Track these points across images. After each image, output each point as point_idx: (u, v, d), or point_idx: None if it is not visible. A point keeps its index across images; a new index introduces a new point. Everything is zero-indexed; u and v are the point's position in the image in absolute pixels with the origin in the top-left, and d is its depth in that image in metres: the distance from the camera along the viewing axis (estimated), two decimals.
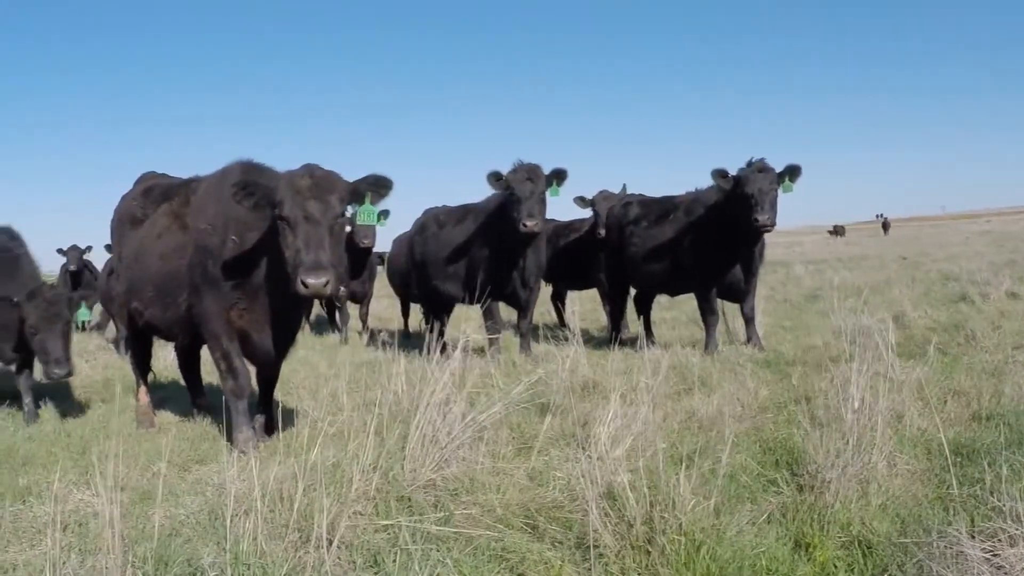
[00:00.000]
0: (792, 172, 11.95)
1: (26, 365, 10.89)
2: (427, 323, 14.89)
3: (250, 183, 7.50)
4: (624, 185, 15.52)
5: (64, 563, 4.92)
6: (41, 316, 9.88)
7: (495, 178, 12.34)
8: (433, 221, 14.48)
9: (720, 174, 12.02)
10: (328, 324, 20.65)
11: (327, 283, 7.16)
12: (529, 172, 12.25)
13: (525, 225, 11.89)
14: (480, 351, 12.13)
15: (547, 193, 12.39)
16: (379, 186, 8.02)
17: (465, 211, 14.04)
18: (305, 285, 7.13)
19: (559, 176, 12.45)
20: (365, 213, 8.02)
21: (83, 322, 22.14)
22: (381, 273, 22.73)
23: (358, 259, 17.81)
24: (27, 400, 10.74)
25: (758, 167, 11.83)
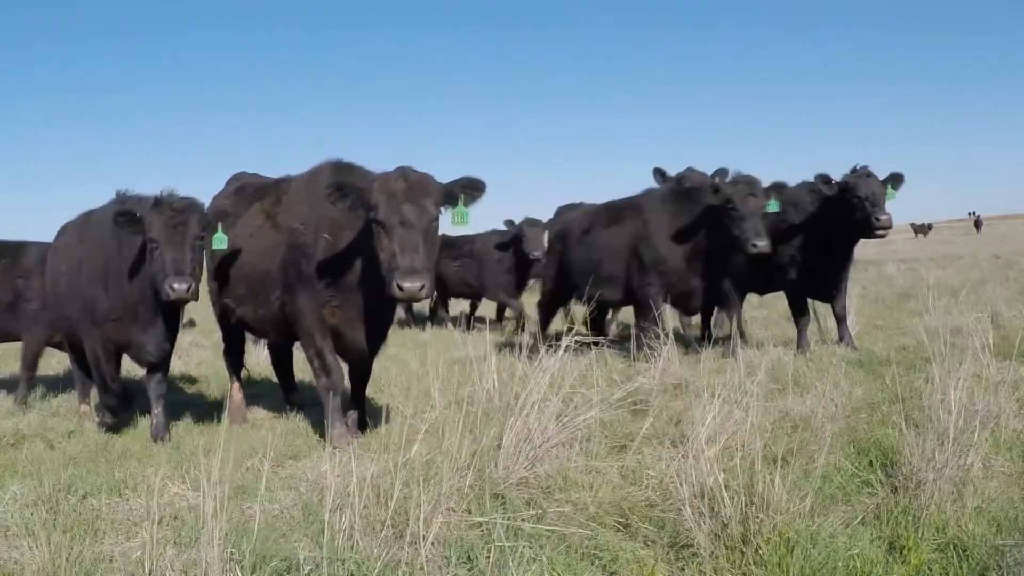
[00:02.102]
0: (895, 180, 11.84)
1: (158, 367, 9.70)
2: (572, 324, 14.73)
3: (344, 185, 7.59)
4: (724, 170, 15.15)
5: (160, 555, 5.01)
6: (164, 225, 8.51)
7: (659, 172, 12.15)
8: (587, 220, 14.24)
9: (823, 179, 11.91)
10: (411, 322, 20.66)
11: (422, 287, 7.26)
12: (751, 187, 11.84)
13: (755, 246, 11.45)
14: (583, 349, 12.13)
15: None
16: (473, 188, 8.05)
17: (619, 210, 13.67)
18: (400, 289, 7.22)
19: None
20: (459, 215, 8.05)
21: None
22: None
23: (526, 269, 17.78)
24: (156, 410, 9.54)
25: (865, 172, 11.75)
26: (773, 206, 12.28)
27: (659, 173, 13.61)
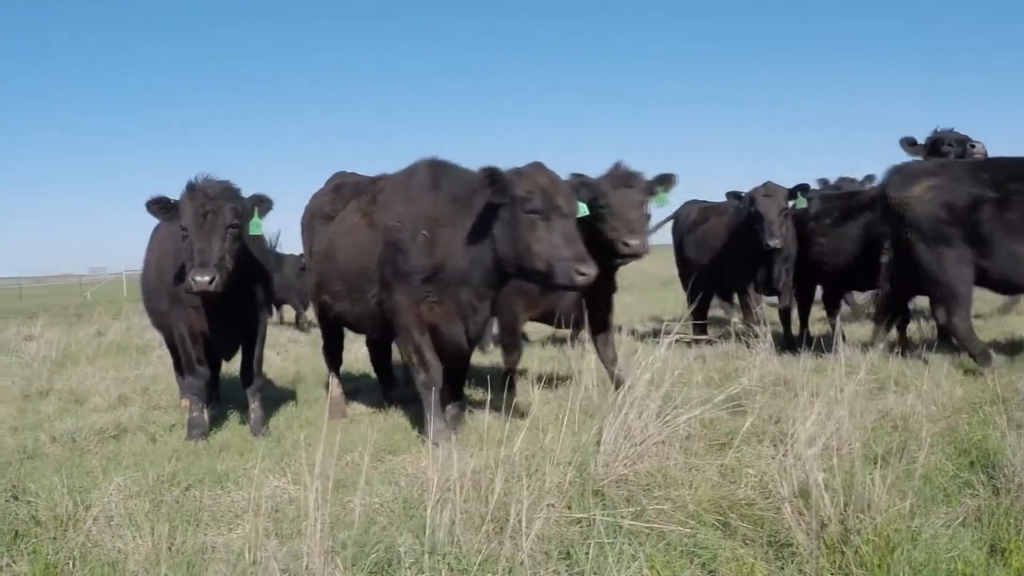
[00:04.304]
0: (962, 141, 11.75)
1: (245, 362, 9.94)
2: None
3: (496, 175, 7.69)
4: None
5: (263, 546, 5.08)
6: (195, 213, 8.36)
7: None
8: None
9: (909, 142, 11.82)
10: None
11: (589, 275, 7.52)
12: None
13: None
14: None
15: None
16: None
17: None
18: (581, 274, 7.42)
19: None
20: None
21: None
22: None
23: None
24: (253, 404, 9.75)
25: (951, 137, 11.65)
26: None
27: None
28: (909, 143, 11.79)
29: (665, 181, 9.23)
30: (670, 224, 16.69)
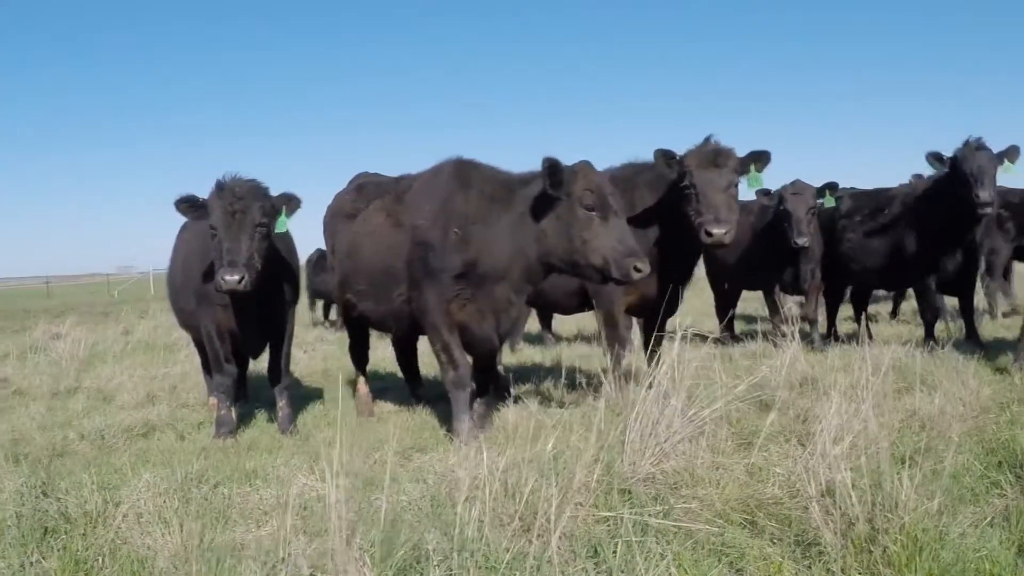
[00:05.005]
0: (1010, 153, 11.57)
1: (272, 361, 9.92)
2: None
3: (556, 166, 7.71)
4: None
5: (291, 543, 5.11)
6: (223, 212, 8.40)
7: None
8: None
9: (935, 157, 11.72)
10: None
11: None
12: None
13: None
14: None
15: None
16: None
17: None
18: (638, 270, 7.57)
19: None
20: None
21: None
22: None
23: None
24: (281, 403, 9.77)
25: (975, 145, 11.51)
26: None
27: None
28: (936, 158, 11.68)
29: (759, 159, 9.06)
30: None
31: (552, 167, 7.65)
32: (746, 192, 9.16)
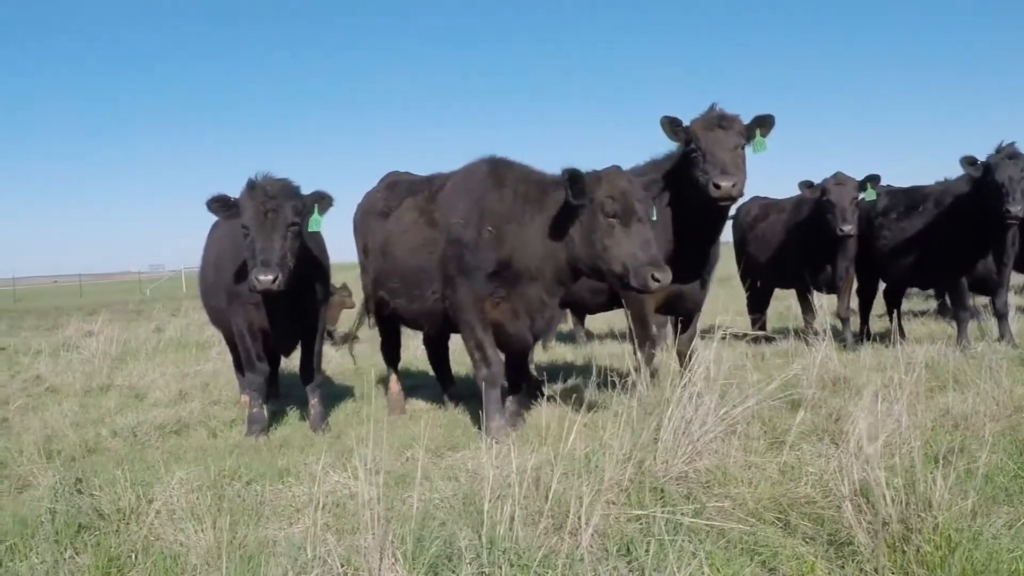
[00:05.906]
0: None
1: (304, 359, 9.95)
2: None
3: (577, 176, 7.71)
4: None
5: (323, 540, 5.11)
6: (256, 211, 8.40)
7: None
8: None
9: (969, 161, 11.64)
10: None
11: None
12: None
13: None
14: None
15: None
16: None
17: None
18: (656, 279, 7.47)
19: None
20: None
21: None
22: None
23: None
24: (313, 401, 9.82)
25: (1008, 152, 11.43)
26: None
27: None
28: (969, 162, 11.59)
29: (763, 123, 8.88)
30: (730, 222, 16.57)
31: (572, 177, 7.66)
32: (754, 159, 8.95)
